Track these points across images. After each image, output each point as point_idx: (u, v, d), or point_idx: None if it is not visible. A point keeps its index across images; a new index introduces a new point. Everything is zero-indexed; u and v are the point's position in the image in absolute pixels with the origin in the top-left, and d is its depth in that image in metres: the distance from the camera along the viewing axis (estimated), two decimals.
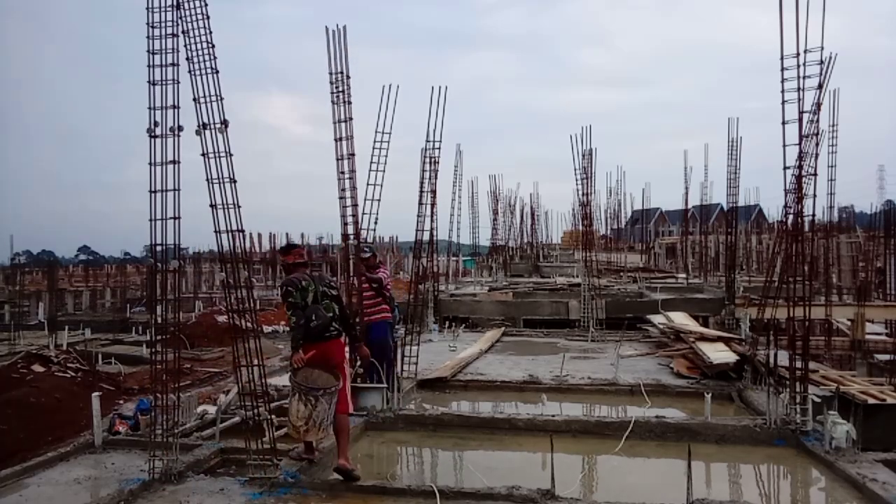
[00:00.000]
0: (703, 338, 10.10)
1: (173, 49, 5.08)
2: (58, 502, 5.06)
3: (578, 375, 9.47)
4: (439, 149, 9.03)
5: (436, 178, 9.80)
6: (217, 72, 5.14)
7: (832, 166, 12.51)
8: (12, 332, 16.31)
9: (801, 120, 6.28)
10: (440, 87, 8.36)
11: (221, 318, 15.07)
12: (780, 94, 6.21)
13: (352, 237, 8.04)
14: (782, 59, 6.12)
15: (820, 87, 6.50)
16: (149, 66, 5.07)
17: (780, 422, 6.35)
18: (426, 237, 8.85)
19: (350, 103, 7.66)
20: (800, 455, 6.03)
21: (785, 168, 6.41)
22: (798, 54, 6.02)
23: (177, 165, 5.09)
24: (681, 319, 12.97)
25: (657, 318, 13.78)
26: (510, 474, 5.38)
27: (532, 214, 35.50)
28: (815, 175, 7.33)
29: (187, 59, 5.13)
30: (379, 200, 8.02)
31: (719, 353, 9.14)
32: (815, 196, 7.13)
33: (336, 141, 7.70)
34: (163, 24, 5.07)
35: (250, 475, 5.15)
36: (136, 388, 10.29)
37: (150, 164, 5.07)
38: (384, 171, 8.06)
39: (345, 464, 5.16)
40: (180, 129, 5.10)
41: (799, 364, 6.23)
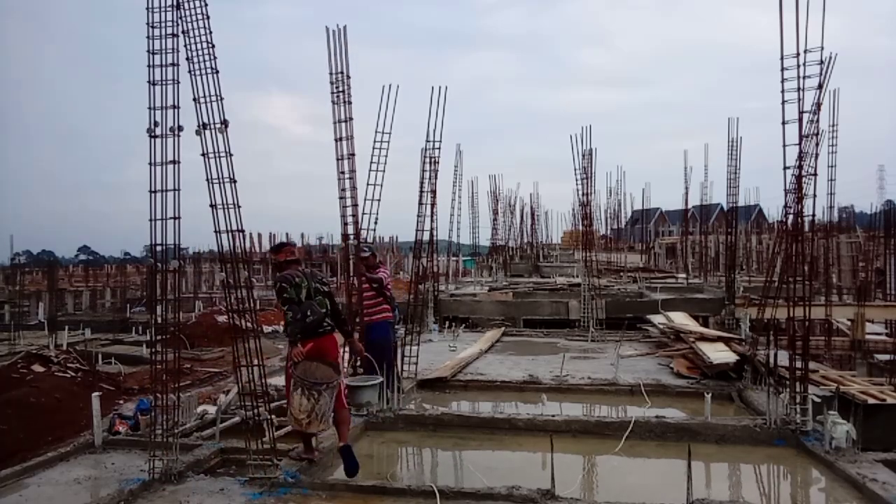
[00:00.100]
0: (703, 338, 10.10)
1: (173, 49, 5.07)
2: (58, 502, 5.07)
3: (578, 375, 9.47)
4: (439, 149, 9.03)
5: (436, 178, 9.81)
6: (217, 72, 5.15)
7: (832, 166, 12.55)
8: (12, 332, 16.32)
9: (801, 120, 6.28)
10: (440, 87, 8.36)
11: (221, 318, 15.08)
12: (780, 94, 6.21)
13: (352, 237, 8.05)
14: (782, 59, 6.12)
15: (820, 87, 6.49)
16: (149, 66, 5.07)
17: (780, 422, 6.35)
18: (426, 237, 8.84)
19: (350, 103, 7.69)
20: (800, 455, 6.03)
21: (785, 168, 6.42)
22: (798, 54, 6.02)
23: (177, 165, 5.10)
24: (681, 319, 12.96)
25: (657, 318, 13.78)
26: (510, 474, 5.38)
27: (532, 214, 35.57)
28: (815, 175, 7.34)
29: (187, 59, 5.13)
30: (379, 200, 8.03)
31: (719, 353, 9.14)
32: (815, 196, 7.14)
33: (336, 141, 7.71)
34: (163, 24, 5.07)
35: (250, 475, 5.15)
36: (136, 388, 10.30)
37: (150, 164, 5.07)
38: (384, 171, 8.08)
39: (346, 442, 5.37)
40: (180, 129, 5.10)
41: (799, 364, 6.22)
